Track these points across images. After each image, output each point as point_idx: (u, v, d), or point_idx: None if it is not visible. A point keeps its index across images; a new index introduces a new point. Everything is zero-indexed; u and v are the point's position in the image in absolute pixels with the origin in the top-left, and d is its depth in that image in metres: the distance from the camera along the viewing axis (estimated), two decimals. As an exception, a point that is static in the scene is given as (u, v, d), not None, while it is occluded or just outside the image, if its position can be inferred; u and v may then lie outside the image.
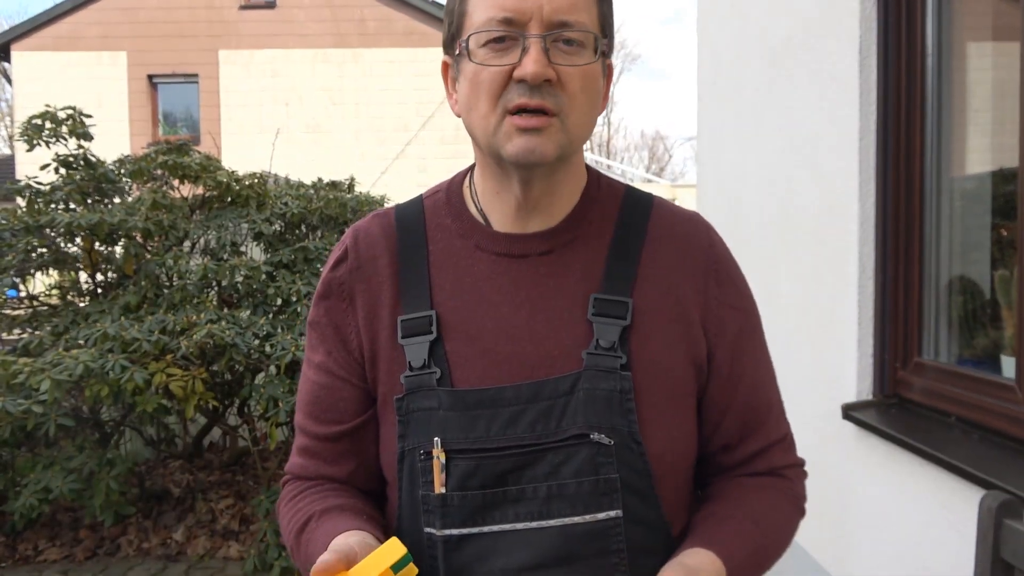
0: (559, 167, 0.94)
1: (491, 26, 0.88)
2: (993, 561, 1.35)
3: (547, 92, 0.87)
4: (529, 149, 0.88)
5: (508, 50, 0.88)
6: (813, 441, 2.63)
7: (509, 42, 0.88)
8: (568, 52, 0.88)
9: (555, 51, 0.88)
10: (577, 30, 0.88)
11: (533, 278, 0.96)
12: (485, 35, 0.88)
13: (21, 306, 4.85)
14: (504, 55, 0.88)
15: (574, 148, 0.93)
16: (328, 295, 1.02)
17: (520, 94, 0.87)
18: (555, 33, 0.87)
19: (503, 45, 0.88)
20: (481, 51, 0.89)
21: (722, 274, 1.01)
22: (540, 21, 0.87)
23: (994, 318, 2.10)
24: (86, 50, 13.82)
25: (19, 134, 4.72)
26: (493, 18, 0.88)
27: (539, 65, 0.86)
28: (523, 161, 0.89)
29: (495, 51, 0.88)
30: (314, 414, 1.01)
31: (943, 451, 1.89)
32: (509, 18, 0.87)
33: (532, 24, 0.87)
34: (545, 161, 0.90)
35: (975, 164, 2.27)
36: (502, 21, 0.87)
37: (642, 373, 0.93)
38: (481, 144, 0.94)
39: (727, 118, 3.61)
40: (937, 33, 2.19)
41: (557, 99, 0.88)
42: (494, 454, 0.91)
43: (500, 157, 0.91)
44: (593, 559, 0.90)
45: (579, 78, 0.89)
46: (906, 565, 2.10)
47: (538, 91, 0.87)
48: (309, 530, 0.96)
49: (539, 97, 0.87)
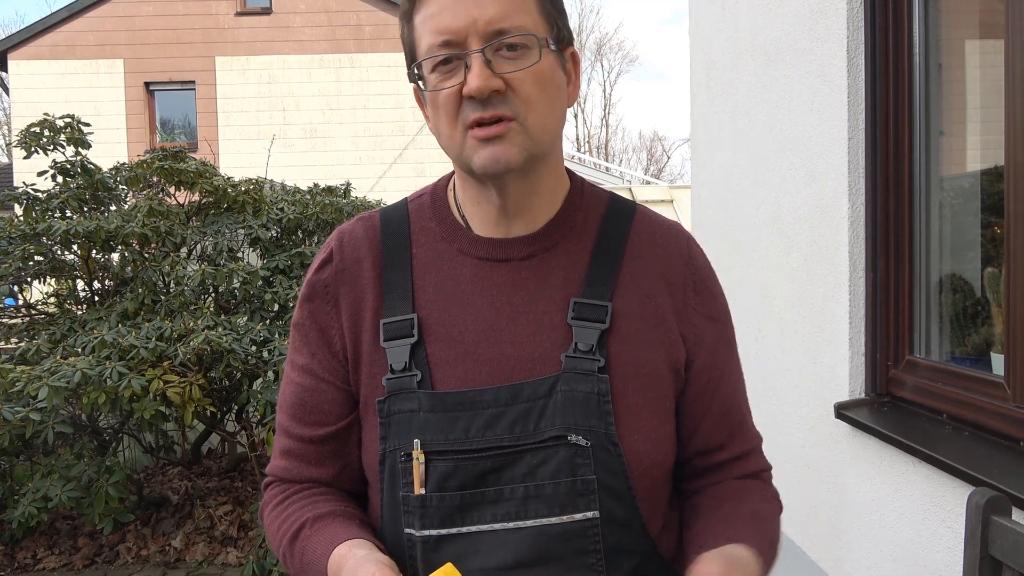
0: (532, 169, 0.95)
1: (433, 51, 0.91)
2: (982, 558, 1.35)
3: (498, 101, 0.89)
4: (494, 159, 0.90)
5: (454, 71, 0.90)
6: (806, 441, 2.64)
7: (455, 61, 0.90)
8: (512, 57, 0.90)
9: (498, 60, 0.89)
10: (516, 35, 0.90)
11: (515, 282, 0.98)
12: (431, 60, 0.91)
13: (18, 314, 4.86)
14: (452, 76, 0.90)
15: (541, 148, 0.94)
16: (313, 297, 1.03)
17: (473, 109, 0.89)
18: (494, 43, 0.89)
19: (450, 66, 0.90)
20: (432, 76, 0.92)
21: (700, 285, 1.03)
22: (477, 35, 0.88)
23: (984, 316, 2.11)
24: (83, 58, 13.84)
25: (17, 142, 4.73)
26: (433, 43, 0.90)
27: (480, 79, 0.88)
28: (490, 171, 0.91)
29: (443, 74, 0.91)
30: (298, 416, 1.02)
31: (935, 449, 1.89)
32: (448, 40, 0.89)
33: (470, 40, 0.89)
34: (512, 167, 0.91)
35: (964, 162, 2.28)
36: (442, 44, 0.90)
37: (620, 376, 0.94)
38: (455, 161, 0.97)
39: (720, 119, 3.62)
40: (924, 32, 2.20)
41: (511, 105, 0.90)
42: (473, 455, 0.92)
43: (471, 170, 0.93)
44: (570, 559, 0.91)
45: (530, 80, 0.90)
46: (899, 562, 2.10)
47: (489, 103, 0.89)
48: (304, 537, 0.96)
49: (491, 108, 0.89)
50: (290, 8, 14.01)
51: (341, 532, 0.94)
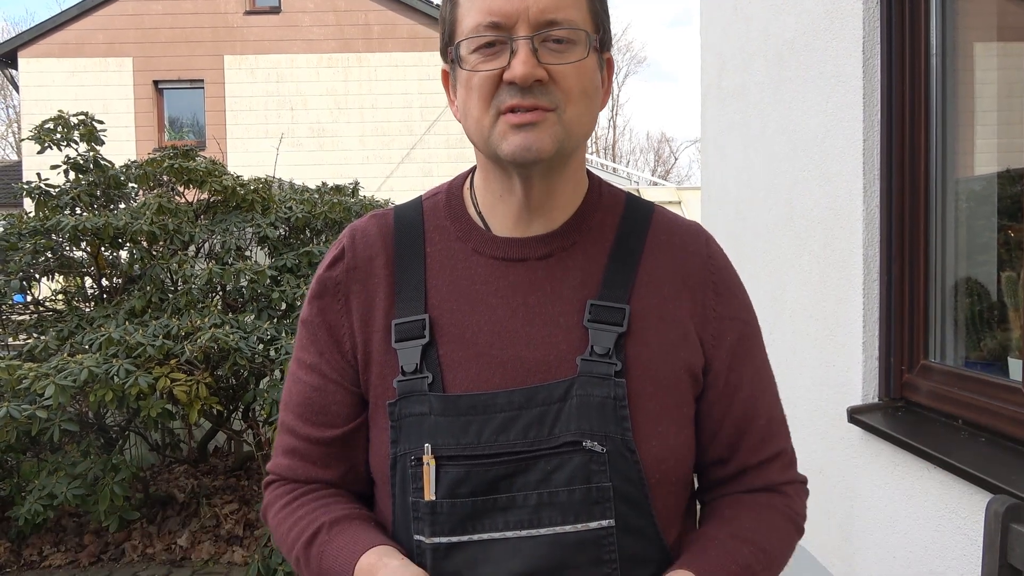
0: (558, 165, 0.93)
1: (479, 31, 0.88)
2: (1000, 566, 1.33)
3: (539, 91, 0.87)
4: (525, 146, 0.88)
5: (498, 54, 0.88)
6: (819, 445, 2.62)
7: (499, 45, 0.87)
8: (558, 50, 0.88)
9: (544, 50, 0.87)
10: (565, 28, 0.88)
11: (531, 282, 0.95)
12: (474, 41, 0.88)
13: (27, 311, 4.86)
14: (494, 59, 0.88)
15: (573, 143, 0.92)
16: (323, 294, 1.00)
17: (511, 95, 0.87)
18: (543, 33, 0.87)
19: (493, 49, 0.88)
20: (472, 56, 0.89)
21: (720, 285, 1.01)
22: (527, 22, 0.86)
23: (1001, 320, 2.08)
24: (92, 56, 13.89)
25: (30, 136, 4.75)
26: (480, 23, 0.88)
27: (527, 67, 0.85)
28: (520, 158, 0.88)
29: (485, 56, 0.88)
30: (304, 416, 0.99)
31: (950, 455, 1.87)
32: (496, 22, 0.87)
33: (519, 26, 0.86)
34: (543, 157, 0.88)
35: (981, 165, 2.25)
36: (489, 26, 0.87)
37: (637, 380, 0.92)
38: (480, 147, 0.93)
39: (731, 120, 3.60)
40: (941, 33, 2.18)
41: (551, 96, 0.88)
42: (485, 461, 0.89)
43: (498, 158, 0.91)
44: (585, 569, 0.89)
45: (572, 75, 0.88)
46: (912, 569, 2.08)
47: (530, 92, 0.87)
48: (321, 542, 0.93)
49: (531, 97, 0.87)
50: (299, 7, 14.03)
51: (363, 538, 0.91)
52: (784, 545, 1.00)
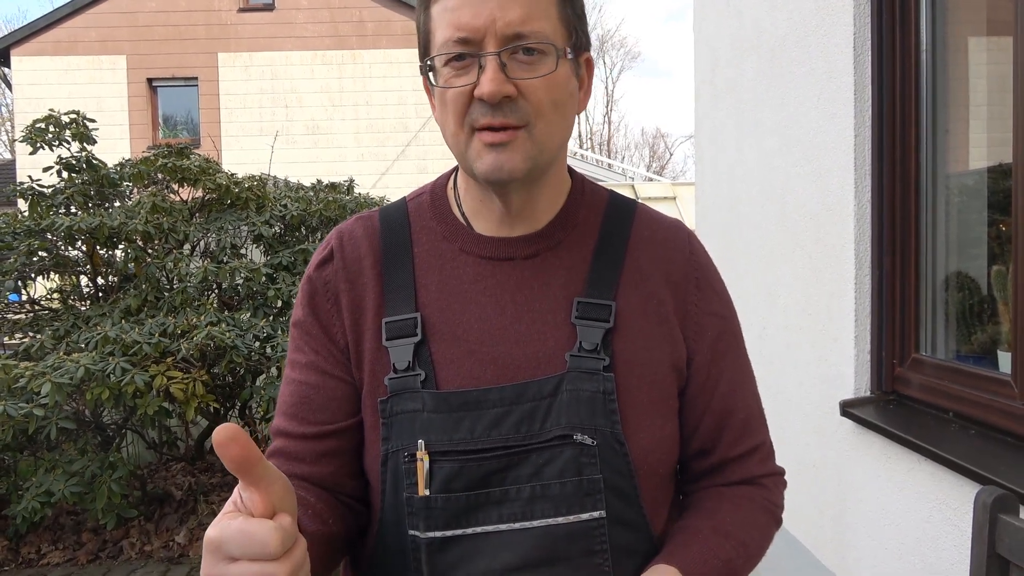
0: (535, 178, 0.94)
1: (449, 47, 0.88)
2: (989, 556, 1.35)
3: (508, 108, 0.87)
4: (497, 167, 0.88)
5: (468, 68, 0.88)
6: (811, 438, 2.64)
7: (468, 59, 0.87)
8: (528, 63, 0.88)
9: (513, 64, 0.87)
10: (534, 41, 0.87)
11: (518, 281, 0.97)
12: (444, 56, 0.89)
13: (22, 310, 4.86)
14: (464, 74, 0.88)
15: (546, 157, 0.92)
16: (314, 295, 1.01)
17: (483, 113, 0.87)
18: (511, 47, 0.87)
19: (463, 63, 0.88)
20: (444, 70, 0.89)
21: (702, 281, 1.02)
22: (495, 37, 0.86)
23: (991, 314, 2.10)
24: (85, 54, 13.83)
25: (22, 137, 4.74)
26: (450, 38, 0.87)
27: (494, 84, 0.85)
28: (493, 178, 0.89)
29: (456, 70, 0.88)
30: (300, 415, 0.98)
31: (941, 447, 1.89)
32: (464, 37, 0.87)
33: (487, 41, 0.86)
34: (515, 177, 0.89)
35: (971, 160, 2.26)
36: (458, 41, 0.87)
37: (625, 375, 0.94)
38: (457, 160, 0.95)
39: (724, 116, 3.61)
40: (931, 28, 2.19)
41: (521, 112, 0.88)
42: (478, 456, 0.90)
43: (474, 174, 0.92)
44: (577, 560, 0.90)
45: (542, 88, 0.88)
46: (905, 561, 2.10)
47: (499, 109, 0.87)
48: None
49: (501, 115, 0.87)
50: (292, 4, 13.99)
51: None
52: (763, 537, 1.01)
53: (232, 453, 0.63)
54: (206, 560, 0.67)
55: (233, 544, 0.65)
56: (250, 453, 0.64)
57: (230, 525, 0.65)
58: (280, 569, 0.65)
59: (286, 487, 0.68)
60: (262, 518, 0.66)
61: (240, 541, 0.65)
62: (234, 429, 0.63)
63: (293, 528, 0.67)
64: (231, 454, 0.63)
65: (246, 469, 0.65)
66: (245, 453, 0.63)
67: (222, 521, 0.66)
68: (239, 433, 0.63)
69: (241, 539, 0.65)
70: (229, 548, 0.65)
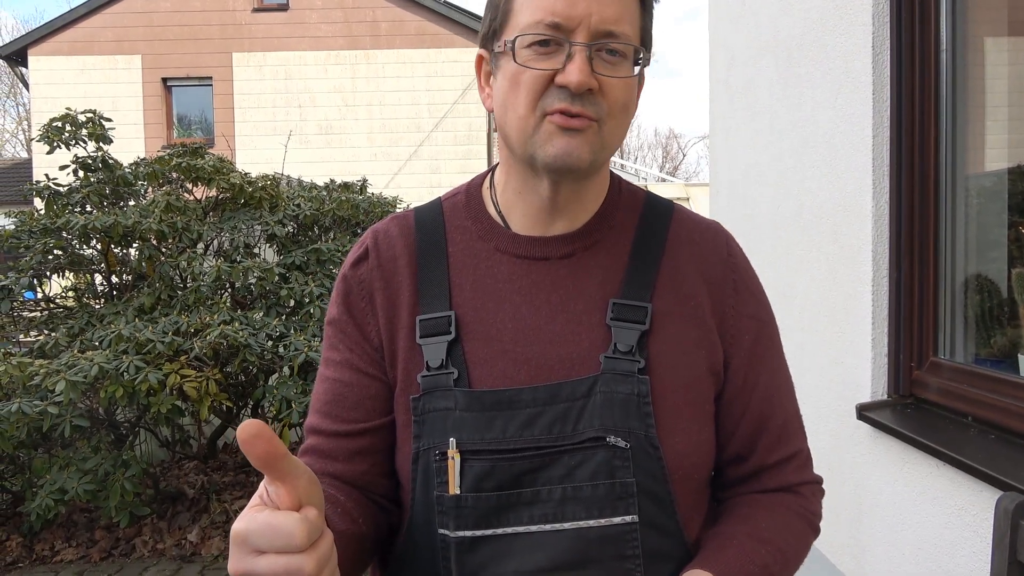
0: (590, 173, 0.93)
1: (538, 29, 0.87)
2: (1010, 563, 1.33)
3: (588, 100, 0.87)
4: (567, 152, 0.88)
5: (552, 54, 0.87)
6: (828, 442, 2.61)
7: (554, 46, 0.87)
8: (610, 62, 0.88)
9: (598, 60, 0.87)
10: (621, 42, 0.88)
11: (553, 281, 0.96)
12: (531, 37, 0.88)
13: (38, 308, 4.90)
14: (547, 59, 0.87)
15: (606, 155, 0.93)
16: (348, 293, 1.01)
17: (561, 99, 0.87)
18: (600, 43, 0.87)
19: (547, 49, 0.87)
20: (525, 52, 0.88)
21: (740, 283, 1.01)
22: (587, 29, 0.86)
23: (1011, 317, 2.07)
24: (101, 54, 13.94)
25: (39, 136, 4.77)
26: (541, 20, 0.87)
27: (583, 75, 0.85)
28: (559, 164, 0.89)
29: (539, 54, 0.88)
30: (333, 413, 0.98)
31: (959, 452, 1.86)
32: (557, 23, 0.86)
33: (579, 31, 0.86)
34: (580, 166, 0.89)
35: (991, 161, 2.24)
36: (550, 25, 0.86)
37: (660, 378, 0.92)
38: (515, 144, 0.92)
39: (739, 116, 3.59)
40: (951, 28, 2.17)
41: (597, 107, 0.88)
42: (509, 455, 0.90)
43: (534, 159, 0.90)
44: (608, 563, 0.89)
45: (619, 88, 0.89)
46: (922, 567, 2.07)
47: (579, 99, 0.87)
48: None
49: (580, 104, 0.87)
50: (306, 4, 14.04)
51: None
52: (800, 545, 1.00)
53: (258, 450, 0.63)
54: (233, 553, 0.68)
55: (259, 537, 0.65)
56: (275, 449, 0.64)
57: (256, 518, 0.66)
58: (306, 561, 0.65)
59: (311, 480, 0.68)
60: (288, 511, 0.66)
61: (266, 534, 0.65)
62: (259, 425, 0.63)
63: (319, 521, 0.67)
64: (256, 451, 0.63)
65: (271, 464, 0.65)
66: (270, 448, 0.63)
67: (248, 514, 0.67)
68: (264, 429, 0.63)
69: (267, 532, 0.65)
70: (255, 541, 0.66)
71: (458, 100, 13.78)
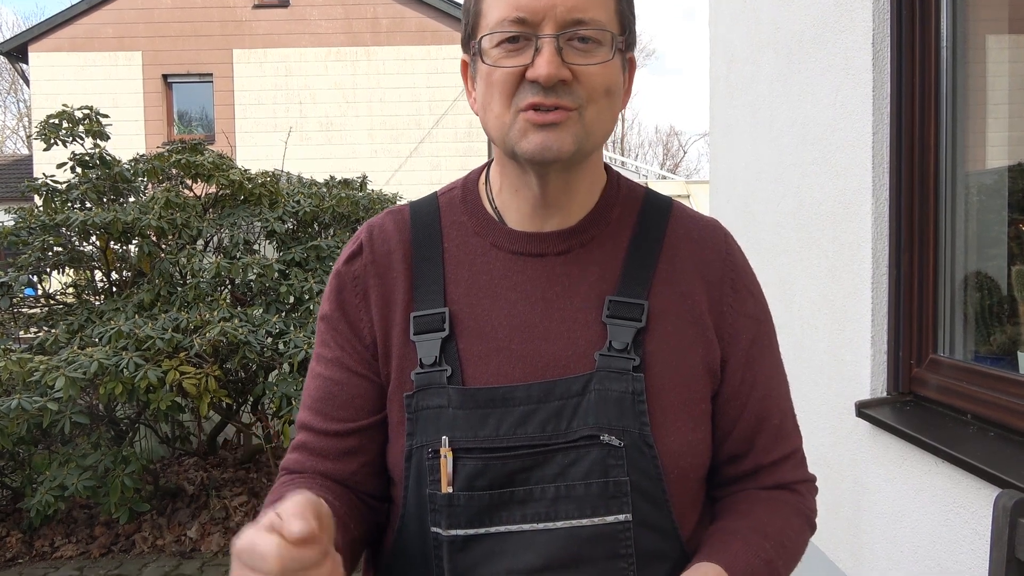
0: (576, 163, 0.92)
1: (504, 27, 0.87)
2: (1008, 560, 1.33)
3: (562, 91, 0.86)
4: (545, 146, 0.87)
5: (521, 50, 0.87)
6: (827, 439, 2.61)
7: (523, 42, 0.86)
8: (583, 50, 0.87)
9: (569, 50, 0.86)
10: (592, 28, 0.87)
11: (549, 277, 0.95)
12: (498, 35, 0.87)
13: (37, 304, 4.90)
14: (517, 55, 0.87)
15: (592, 143, 0.91)
16: (342, 288, 1.00)
17: (534, 94, 0.86)
18: (569, 32, 0.86)
19: (516, 45, 0.87)
20: (494, 51, 0.88)
21: (738, 282, 1.00)
22: (554, 20, 0.85)
23: (1011, 314, 2.07)
24: (102, 50, 13.93)
25: (36, 133, 4.76)
26: (506, 18, 0.86)
27: (551, 66, 0.84)
28: (538, 158, 0.88)
29: (508, 51, 0.87)
30: (324, 411, 0.98)
31: (958, 449, 1.86)
32: (522, 18, 0.86)
33: (545, 24, 0.85)
34: (561, 157, 0.88)
35: (991, 158, 2.23)
36: (515, 21, 0.86)
37: (655, 376, 0.92)
38: (498, 143, 0.93)
39: (740, 114, 3.58)
40: (951, 25, 2.16)
41: (574, 95, 0.87)
42: (503, 454, 0.89)
43: (515, 155, 0.90)
44: (601, 563, 0.88)
45: (596, 75, 0.87)
46: (920, 564, 2.07)
47: (552, 91, 0.86)
48: None
49: (554, 96, 0.86)
50: (307, 1, 14.03)
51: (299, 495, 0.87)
52: (799, 541, 0.99)
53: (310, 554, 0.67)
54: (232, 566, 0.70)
55: (244, 555, 0.68)
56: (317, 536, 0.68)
57: (244, 536, 0.68)
58: None
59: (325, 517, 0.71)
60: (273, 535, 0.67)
61: (247, 553, 0.67)
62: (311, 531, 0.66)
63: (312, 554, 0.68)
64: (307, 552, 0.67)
65: None
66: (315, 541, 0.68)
67: (246, 531, 0.69)
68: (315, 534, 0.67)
69: (248, 551, 0.67)
70: (242, 558, 0.68)
71: (459, 97, 13.76)
